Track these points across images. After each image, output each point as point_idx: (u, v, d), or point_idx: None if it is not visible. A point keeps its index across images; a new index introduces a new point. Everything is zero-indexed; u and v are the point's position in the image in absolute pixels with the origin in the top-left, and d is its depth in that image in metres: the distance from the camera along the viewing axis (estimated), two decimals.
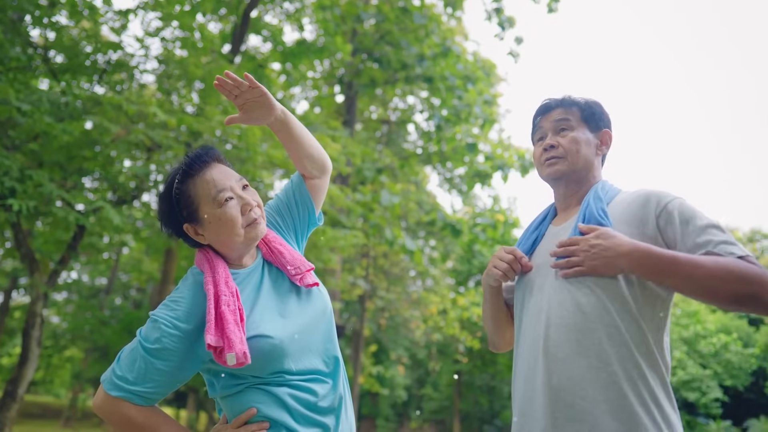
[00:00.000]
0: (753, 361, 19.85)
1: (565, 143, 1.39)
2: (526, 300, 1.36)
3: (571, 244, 1.26)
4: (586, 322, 1.20)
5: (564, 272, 1.26)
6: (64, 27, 5.24)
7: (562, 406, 1.17)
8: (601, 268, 1.21)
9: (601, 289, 1.22)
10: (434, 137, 10.75)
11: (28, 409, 19.12)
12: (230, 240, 1.17)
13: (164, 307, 1.13)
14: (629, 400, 1.13)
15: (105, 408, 1.10)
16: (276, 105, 1.26)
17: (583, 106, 1.42)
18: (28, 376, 5.16)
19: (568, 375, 1.18)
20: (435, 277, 15.75)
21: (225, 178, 1.18)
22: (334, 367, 1.21)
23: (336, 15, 8.72)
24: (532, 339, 1.28)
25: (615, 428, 1.12)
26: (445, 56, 9.36)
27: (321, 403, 1.15)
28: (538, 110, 1.47)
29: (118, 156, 5.59)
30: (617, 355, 1.17)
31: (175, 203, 1.18)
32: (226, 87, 1.22)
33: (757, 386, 20.95)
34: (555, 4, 8.90)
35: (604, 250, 1.20)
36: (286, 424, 1.10)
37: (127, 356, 1.11)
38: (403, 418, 24.87)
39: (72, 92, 4.81)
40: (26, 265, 5.37)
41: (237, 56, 7.26)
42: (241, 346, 1.05)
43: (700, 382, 19.04)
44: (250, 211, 1.17)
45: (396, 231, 8.48)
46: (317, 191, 1.38)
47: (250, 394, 1.13)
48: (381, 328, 16.64)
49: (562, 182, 1.42)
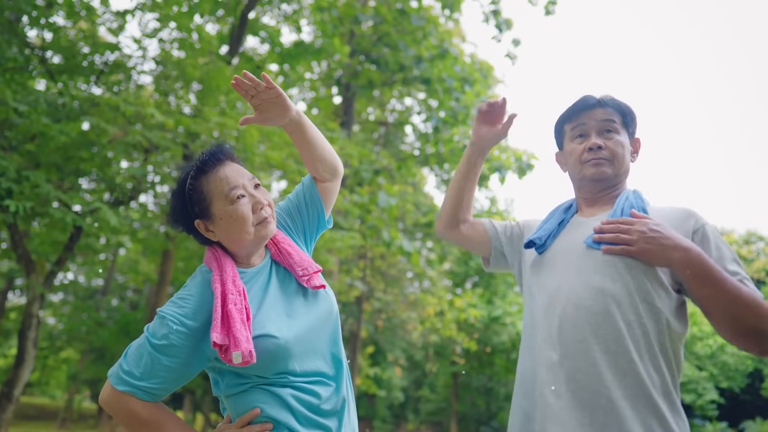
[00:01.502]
0: (749, 362, 19.91)
1: (612, 146, 1.37)
2: (543, 278, 1.33)
3: (624, 224, 1.24)
4: (607, 307, 1.19)
5: (608, 248, 1.23)
6: (61, 28, 5.23)
7: (576, 388, 1.16)
8: (651, 253, 1.18)
9: (632, 277, 1.20)
10: (432, 139, 10.76)
11: (23, 411, 19.03)
12: (240, 237, 1.18)
13: (172, 304, 1.14)
14: (648, 389, 1.13)
15: (111, 402, 1.11)
16: (291, 106, 1.28)
17: (624, 111, 1.41)
18: (24, 377, 5.14)
19: (585, 358, 1.17)
20: (432, 278, 15.75)
21: (238, 176, 1.20)
22: (337, 370, 1.21)
23: (334, 16, 8.72)
24: (547, 319, 1.26)
25: (632, 415, 1.11)
26: (443, 58, 9.37)
27: (324, 406, 1.15)
28: (579, 105, 1.43)
29: (115, 157, 5.58)
30: (636, 344, 1.16)
31: (188, 199, 1.19)
32: (243, 87, 1.23)
33: (752, 388, 21.01)
34: (552, 6, 8.93)
35: (663, 238, 1.18)
36: (289, 425, 1.11)
37: (134, 352, 1.12)
38: (399, 419, 24.84)
39: (69, 93, 4.81)
40: (23, 266, 5.35)
41: (235, 57, 7.26)
42: (247, 345, 1.05)
43: (696, 384, 19.08)
44: (261, 209, 1.19)
45: (393, 232, 8.48)
46: (328, 194, 1.39)
47: (253, 394, 1.13)
48: (378, 329, 16.63)
49: (602, 184, 1.39)
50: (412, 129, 12.24)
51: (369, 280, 14.17)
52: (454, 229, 1.57)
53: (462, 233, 1.57)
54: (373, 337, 16.93)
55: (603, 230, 1.26)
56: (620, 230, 1.23)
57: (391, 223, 8.86)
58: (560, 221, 1.41)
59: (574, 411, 1.15)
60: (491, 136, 1.54)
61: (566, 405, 1.16)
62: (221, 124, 5.24)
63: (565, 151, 1.47)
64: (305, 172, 6.04)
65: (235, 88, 1.23)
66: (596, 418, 1.13)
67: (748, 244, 27.07)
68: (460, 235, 1.57)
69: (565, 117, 1.47)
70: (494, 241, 1.56)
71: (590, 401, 1.14)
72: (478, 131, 1.55)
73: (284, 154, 6.00)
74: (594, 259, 1.26)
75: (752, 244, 27.07)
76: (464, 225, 1.57)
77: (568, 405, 1.16)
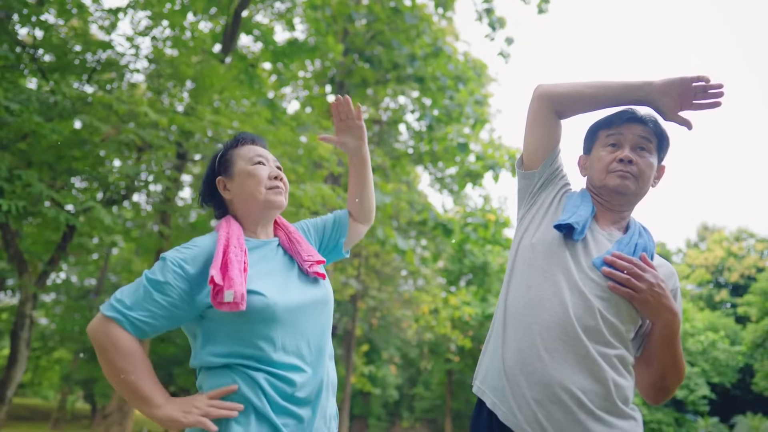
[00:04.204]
0: (740, 358, 20.12)
1: (642, 165, 1.36)
2: (556, 257, 1.31)
3: (638, 268, 1.26)
4: (592, 333, 1.24)
5: (615, 287, 1.26)
6: (52, 25, 5.19)
7: (549, 402, 1.20)
8: (649, 306, 1.26)
9: (626, 310, 1.27)
10: (425, 137, 10.78)
11: (16, 412, 18.90)
12: (252, 195, 1.28)
13: (175, 250, 1.21)
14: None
15: (96, 328, 1.12)
16: (366, 141, 1.48)
17: (662, 135, 1.41)
18: (17, 378, 5.11)
19: (561, 372, 1.21)
20: (426, 276, 15.78)
21: (265, 152, 1.36)
22: (318, 359, 1.22)
23: (327, 15, 8.71)
24: (538, 309, 1.27)
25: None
26: (436, 56, 9.38)
27: (298, 394, 1.15)
28: (622, 115, 1.40)
29: (108, 156, 5.55)
30: (610, 366, 1.24)
31: (217, 163, 1.34)
32: (340, 107, 1.44)
33: (743, 383, 21.23)
34: (545, 5, 8.96)
35: (664, 297, 1.26)
36: (258, 409, 1.12)
37: (129, 286, 1.17)
38: (394, 417, 24.89)
39: (61, 91, 4.77)
40: (15, 265, 5.32)
41: (228, 56, 7.23)
42: (241, 288, 1.10)
43: (688, 379, 19.25)
44: (276, 178, 1.31)
45: (388, 230, 8.49)
46: (353, 232, 1.52)
47: (228, 373, 1.15)
48: (373, 327, 16.65)
49: (622, 198, 1.38)
50: (406, 127, 12.25)
51: (363, 278, 14.18)
52: (552, 110, 1.42)
53: (553, 116, 1.42)
54: (368, 336, 16.94)
55: (615, 265, 1.27)
56: (633, 274, 1.26)
57: (386, 221, 8.87)
58: (591, 212, 1.37)
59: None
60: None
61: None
62: (215, 123, 5.23)
63: (591, 156, 1.45)
64: (299, 171, 6.04)
65: (333, 107, 1.43)
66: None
67: (738, 241, 27.32)
68: (551, 116, 1.42)
69: (602, 123, 1.44)
70: (556, 155, 1.46)
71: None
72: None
73: (278, 152, 5.99)
74: (597, 283, 1.28)
75: (743, 241, 27.32)
76: (558, 115, 1.43)
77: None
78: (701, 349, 19.98)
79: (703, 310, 24.35)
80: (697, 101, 1.31)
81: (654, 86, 1.32)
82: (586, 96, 1.38)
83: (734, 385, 21.08)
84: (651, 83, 1.33)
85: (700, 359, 19.96)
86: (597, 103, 1.39)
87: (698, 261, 27.51)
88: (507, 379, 1.25)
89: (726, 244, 27.17)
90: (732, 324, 22.54)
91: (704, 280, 26.92)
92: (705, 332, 20.68)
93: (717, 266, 26.98)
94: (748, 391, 21.02)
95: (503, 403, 1.24)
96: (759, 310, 20.69)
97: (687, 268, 27.74)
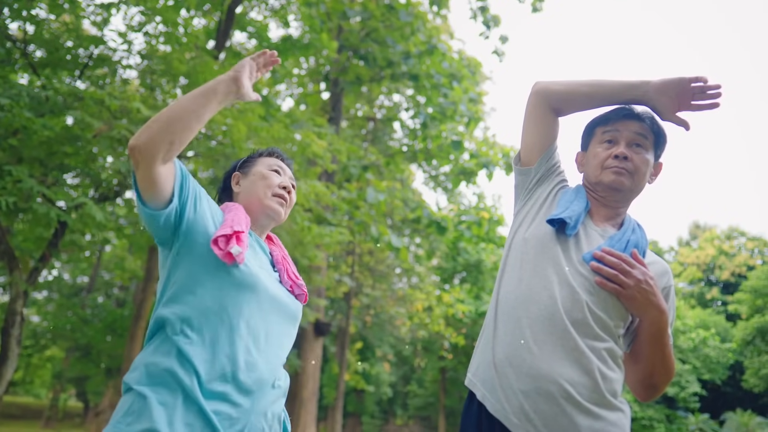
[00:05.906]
0: (730, 355, 20.31)
1: (638, 161, 1.36)
2: (547, 252, 1.32)
3: (626, 264, 1.26)
4: (581, 326, 1.24)
5: (602, 282, 1.26)
6: (43, 20, 5.14)
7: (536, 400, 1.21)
8: (636, 302, 1.25)
9: (613, 305, 1.27)
10: (420, 135, 10.79)
11: (7, 410, 18.77)
12: (257, 196, 1.34)
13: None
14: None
15: (134, 139, 1.13)
16: None
17: (658, 133, 1.40)
18: (8, 376, 5.07)
19: (549, 365, 1.21)
20: (420, 274, 15.81)
21: (288, 169, 1.44)
22: (272, 353, 1.19)
23: (321, 12, 8.68)
24: (528, 303, 1.28)
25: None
26: (431, 54, 9.39)
27: (241, 376, 1.11)
28: (618, 112, 1.40)
29: (100, 152, 5.51)
30: (598, 358, 1.24)
31: (241, 162, 1.43)
32: None
33: (734, 380, 21.45)
34: (540, 3, 9.00)
35: (652, 294, 1.25)
36: (188, 390, 1.05)
37: None
38: (388, 414, 24.95)
39: (53, 87, 4.73)
40: (5, 262, 5.27)
41: (222, 52, 7.20)
42: (246, 249, 1.17)
43: (679, 376, 19.41)
44: (285, 189, 1.37)
45: (381, 228, 8.50)
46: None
47: (169, 347, 1.10)
48: (366, 325, 16.66)
49: (617, 194, 1.38)
50: (401, 125, 12.26)
51: (357, 275, 14.18)
52: (549, 107, 1.43)
53: (550, 114, 1.44)
54: (362, 333, 16.96)
55: (604, 260, 1.27)
56: (621, 270, 1.26)
57: (380, 219, 8.88)
58: (585, 207, 1.37)
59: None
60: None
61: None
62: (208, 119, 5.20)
63: (588, 153, 1.46)
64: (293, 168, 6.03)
65: None
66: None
67: (729, 240, 27.56)
68: (548, 113, 1.44)
69: (599, 120, 1.45)
70: (553, 152, 1.47)
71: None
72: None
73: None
74: (586, 278, 1.28)
75: (734, 239, 27.56)
76: (555, 113, 1.45)
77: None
78: (692, 347, 20.16)
79: (695, 307, 24.55)
80: (696, 102, 1.32)
81: (651, 86, 1.33)
82: (583, 94, 1.40)
83: (725, 382, 21.29)
84: (648, 82, 1.34)
85: (691, 356, 20.14)
86: (594, 101, 1.41)
87: (690, 259, 27.73)
88: (496, 371, 1.26)
89: (717, 243, 27.41)
90: (723, 321, 22.76)
91: (695, 277, 27.16)
92: (696, 330, 20.86)
93: (708, 264, 27.22)
94: (739, 387, 21.24)
95: (492, 394, 1.25)
96: (749, 307, 20.90)
97: (679, 266, 27.96)
